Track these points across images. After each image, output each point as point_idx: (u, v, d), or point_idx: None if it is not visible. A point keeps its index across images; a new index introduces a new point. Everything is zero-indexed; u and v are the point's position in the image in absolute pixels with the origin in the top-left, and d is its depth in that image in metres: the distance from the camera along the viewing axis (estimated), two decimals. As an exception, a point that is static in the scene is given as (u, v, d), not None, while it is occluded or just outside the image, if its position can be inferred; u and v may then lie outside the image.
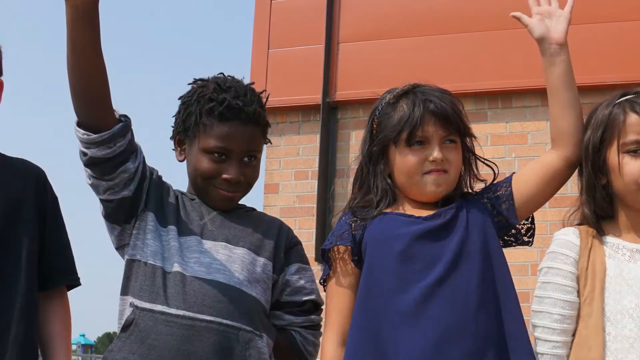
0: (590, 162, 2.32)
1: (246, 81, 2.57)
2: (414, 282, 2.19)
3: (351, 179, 2.48)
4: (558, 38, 2.38)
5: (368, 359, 2.17)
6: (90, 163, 2.32)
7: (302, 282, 2.51)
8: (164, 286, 2.32)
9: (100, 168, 2.32)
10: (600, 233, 2.32)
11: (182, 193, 2.54)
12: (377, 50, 6.72)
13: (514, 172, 2.41)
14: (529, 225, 2.43)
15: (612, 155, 2.29)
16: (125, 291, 2.39)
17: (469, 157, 2.42)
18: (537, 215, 2.44)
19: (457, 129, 2.34)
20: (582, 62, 5.49)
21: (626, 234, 2.32)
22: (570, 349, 2.24)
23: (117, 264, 2.52)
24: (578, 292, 2.26)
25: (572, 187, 2.50)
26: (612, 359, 2.16)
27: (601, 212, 2.34)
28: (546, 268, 2.31)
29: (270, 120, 2.59)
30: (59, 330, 2.52)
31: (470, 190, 2.43)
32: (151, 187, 2.44)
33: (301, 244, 2.60)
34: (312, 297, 2.52)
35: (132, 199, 2.39)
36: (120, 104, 2.36)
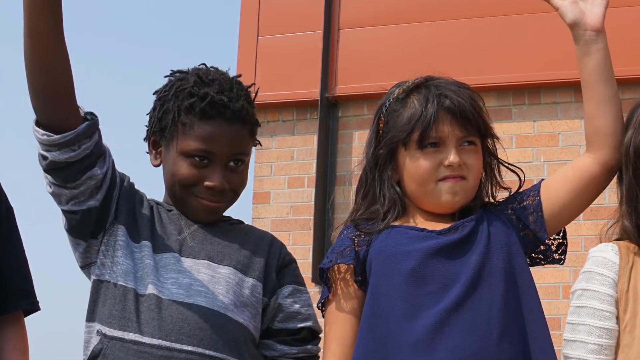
0: (631, 167, 2.32)
1: (232, 73, 2.58)
2: (426, 306, 2.19)
3: (354, 187, 2.49)
4: (594, 23, 2.38)
5: (373, 396, 2.18)
6: (51, 168, 2.32)
7: (297, 306, 2.51)
8: (137, 311, 2.32)
9: (62, 174, 2.32)
10: (643, 249, 2.32)
11: (157, 203, 2.54)
12: (384, 38, 6.73)
13: (542, 179, 2.42)
14: (561, 241, 2.43)
15: (657, 159, 2.29)
16: (91, 317, 2.39)
17: (490, 161, 2.42)
18: (570, 228, 2.44)
19: (476, 129, 2.34)
20: (622, 51, 5.50)
21: (673, 250, 2.32)
22: (609, 384, 2.24)
23: (82, 286, 2.52)
24: (617, 318, 2.26)
25: (610, 196, 2.51)
26: (657, 396, 2.17)
27: (644, 225, 2.34)
28: (580, 290, 2.31)
29: (260, 119, 2.59)
30: (14, 362, 2.52)
31: (492, 200, 2.44)
32: (122, 197, 2.44)
33: (296, 262, 2.60)
34: (309, 323, 2.52)
35: (99, 209, 2.38)
36: (85, 100, 2.36)
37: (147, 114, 2.56)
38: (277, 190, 6.82)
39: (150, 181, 2.82)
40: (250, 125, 2.51)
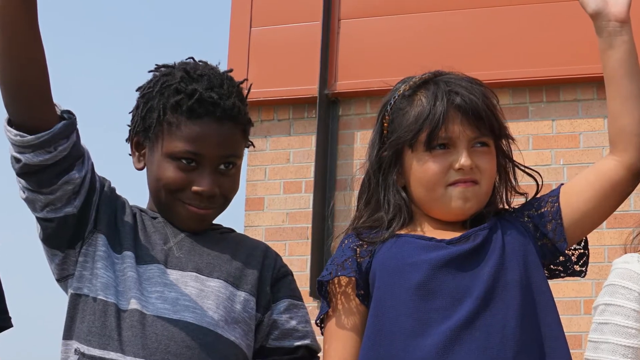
0: (659, 170, 2.32)
1: (223, 68, 2.58)
2: (435, 323, 2.19)
3: (355, 192, 2.49)
4: (618, 13, 2.38)
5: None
6: (24, 172, 2.32)
7: (293, 322, 2.51)
8: (118, 328, 2.32)
9: (37, 178, 2.32)
10: (672, 260, 2.33)
11: (141, 210, 2.54)
12: (389, 29, 6.73)
13: (562, 183, 2.42)
14: (582, 251, 2.43)
15: (687, 162, 2.29)
16: (68, 334, 2.39)
17: (505, 164, 2.42)
18: (592, 238, 2.44)
19: (490, 129, 2.34)
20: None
21: None
22: (635, 407, 2.24)
23: (59, 300, 2.52)
24: (644, 335, 2.27)
25: (635, 203, 2.51)
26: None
27: (673, 234, 2.35)
28: (603, 305, 2.31)
29: (253, 118, 2.59)
30: (-16, 384, 2.52)
31: (506, 207, 2.44)
32: (102, 203, 2.44)
33: (292, 275, 2.60)
34: (306, 341, 2.52)
35: (77, 217, 2.38)
36: (61, 98, 2.37)
37: (130, 113, 2.56)
38: (272, 196, 6.82)
39: (133, 186, 2.83)
40: (243, 124, 2.51)
